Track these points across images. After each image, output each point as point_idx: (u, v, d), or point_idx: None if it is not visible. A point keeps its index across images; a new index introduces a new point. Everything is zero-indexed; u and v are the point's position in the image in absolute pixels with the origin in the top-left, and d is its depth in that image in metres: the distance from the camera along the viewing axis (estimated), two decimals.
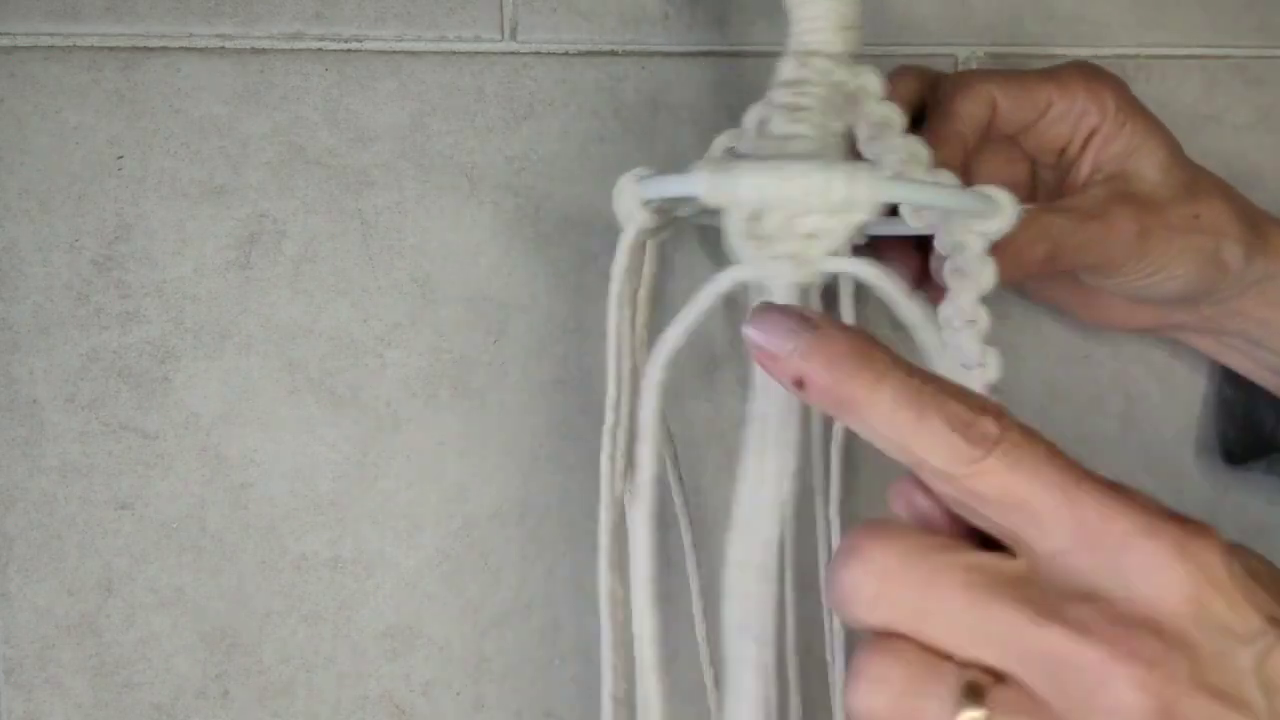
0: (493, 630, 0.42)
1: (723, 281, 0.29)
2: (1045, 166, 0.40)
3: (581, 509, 0.42)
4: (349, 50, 0.40)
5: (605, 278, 0.41)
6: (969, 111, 0.37)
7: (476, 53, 0.41)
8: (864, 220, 0.28)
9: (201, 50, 0.40)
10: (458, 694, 0.41)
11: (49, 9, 0.39)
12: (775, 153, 0.32)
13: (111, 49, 0.39)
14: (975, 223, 0.32)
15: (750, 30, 0.42)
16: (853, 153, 0.35)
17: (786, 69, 0.33)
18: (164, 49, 0.40)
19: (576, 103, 0.41)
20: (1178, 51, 0.44)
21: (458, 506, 0.41)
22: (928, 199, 0.31)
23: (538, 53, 0.41)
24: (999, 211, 0.31)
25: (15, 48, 0.39)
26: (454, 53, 0.41)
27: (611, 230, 0.41)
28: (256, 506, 0.40)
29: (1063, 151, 0.39)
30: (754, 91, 0.42)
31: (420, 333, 0.41)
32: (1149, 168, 0.38)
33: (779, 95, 0.33)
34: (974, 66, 0.43)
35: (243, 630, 0.40)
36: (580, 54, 0.41)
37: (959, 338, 0.33)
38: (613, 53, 0.42)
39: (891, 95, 0.34)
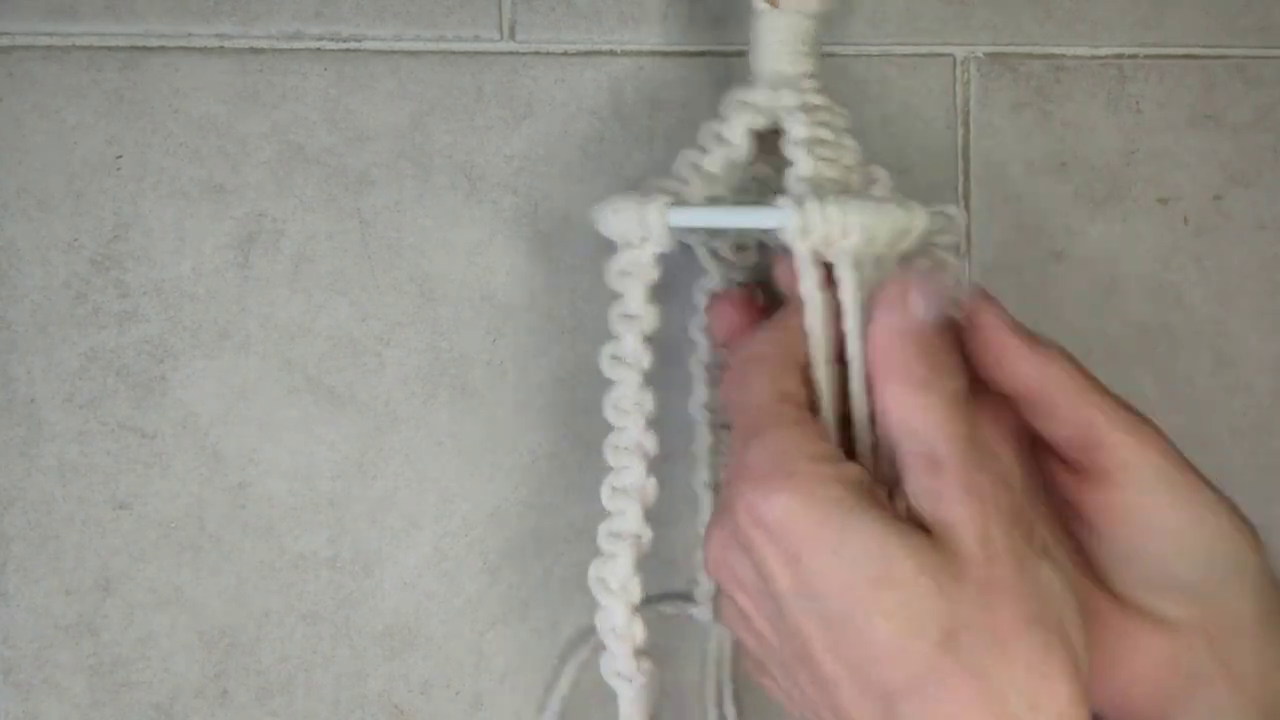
0: (492, 630, 0.42)
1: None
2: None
3: (581, 509, 0.42)
4: (348, 50, 0.40)
5: (604, 278, 0.41)
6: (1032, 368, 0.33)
7: (476, 52, 0.41)
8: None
9: (200, 50, 0.40)
10: (456, 693, 0.41)
11: (48, 8, 0.39)
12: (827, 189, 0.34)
13: (110, 48, 0.39)
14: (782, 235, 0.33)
15: (749, 31, 0.42)
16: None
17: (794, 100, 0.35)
18: (163, 48, 0.40)
19: (576, 102, 0.41)
20: (1177, 51, 0.44)
21: (456, 506, 0.41)
22: (718, 223, 0.36)
23: (537, 52, 0.41)
24: (786, 220, 0.32)
25: (14, 47, 0.39)
26: (453, 52, 0.41)
27: None
28: (255, 506, 0.40)
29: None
30: None
31: (419, 332, 0.41)
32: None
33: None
34: (973, 66, 0.43)
35: (241, 630, 0.40)
36: (580, 54, 0.41)
37: None
38: (612, 53, 0.42)
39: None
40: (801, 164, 0.34)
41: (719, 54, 0.42)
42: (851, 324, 0.32)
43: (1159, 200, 0.44)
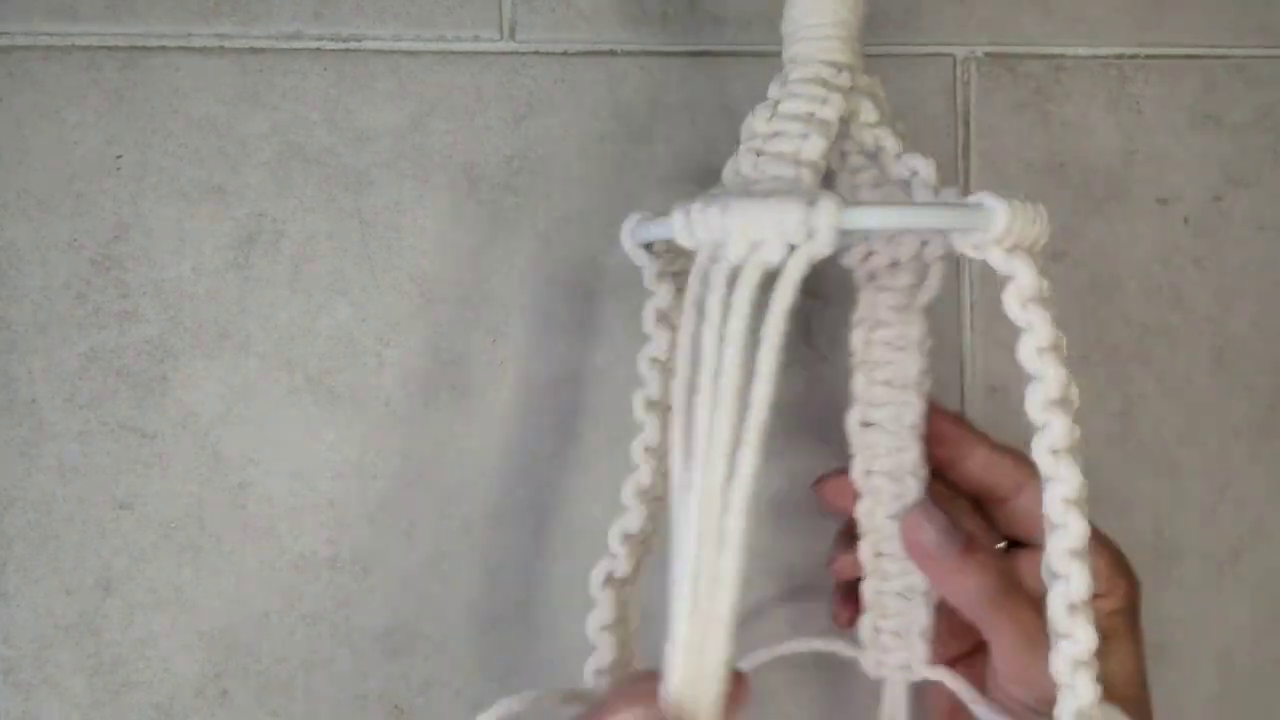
0: (491, 630, 0.42)
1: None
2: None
3: (581, 509, 0.42)
4: (348, 50, 0.40)
5: (604, 277, 0.41)
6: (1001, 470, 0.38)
7: (475, 52, 0.41)
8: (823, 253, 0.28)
9: (200, 50, 0.40)
10: (456, 694, 0.41)
11: (48, 8, 0.39)
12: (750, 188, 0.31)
13: (110, 48, 0.39)
14: (972, 235, 0.30)
15: (750, 30, 0.42)
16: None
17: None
18: (163, 48, 0.40)
19: (575, 102, 0.41)
20: (1177, 51, 0.44)
21: (456, 506, 0.41)
22: (901, 223, 0.31)
23: (537, 52, 0.41)
24: (989, 219, 0.30)
25: (14, 47, 0.39)
26: (453, 52, 0.41)
27: (610, 230, 0.41)
28: (255, 506, 0.40)
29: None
30: (753, 91, 0.42)
31: (419, 332, 0.41)
32: (1109, 659, 0.34)
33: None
34: (973, 66, 0.43)
35: (241, 630, 0.40)
36: (579, 54, 0.41)
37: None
38: (612, 53, 0.42)
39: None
40: (890, 145, 0.33)
41: (719, 54, 0.42)
42: (1042, 337, 0.30)
43: (1159, 200, 0.44)
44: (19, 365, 0.39)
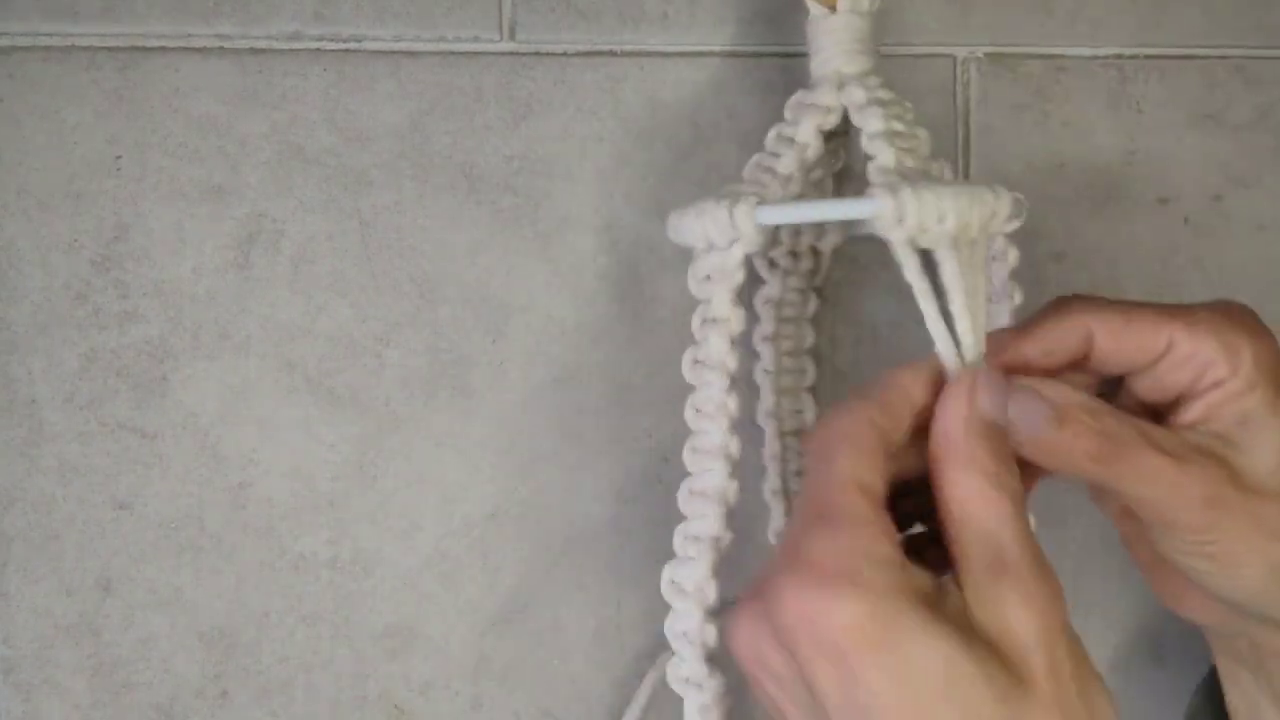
0: (491, 630, 0.42)
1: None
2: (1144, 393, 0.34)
3: (581, 509, 0.42)
4: (348, 50, 0.40)
5: (604, 277, 0.41)
6: (1057, 341, 0.33)
7: (475, 53, 0.41)
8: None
9: (200, 50, 0.40)
10: (456, 694, 0.41)
11: (47, 9, 0.39)
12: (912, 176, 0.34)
13: (110, 49, 0.39)
14: (875, 226, 0.32)
15: (749, 30, 0.42)
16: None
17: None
18: (162, 49, 0.40)
19: (575, 103, 0.41)
20: (1177, 51, 0.44)
21: (456, 506, 0.41)
22: (808, 216, 0.36)
23: (536, 53, 0.41)
24: (879, 210, 0.32)
25: (14, 48, 0.39)
26: (453, 53, 0.41)
27: (609, 229, 0.41)
28: (255, 506, 0.40)
29: (1176, 399, 0.33)
30: (753, 91, 0.42)
31: (419, 332, 0.41)
32: (1265, 448, 0.32)
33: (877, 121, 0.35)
34: (973, 66, 0.43)
35: (241, 630, 0.40)
36: (579, 54, 0.41)
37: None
38: (612, 53, 0.42)
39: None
40: (883, 155, 0.34)
41: (719, 54, 0.42)
42: (957, 306, 0.31)
43: (1159, 200, 0.44)
44: (19, 365, 0.39)
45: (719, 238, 0.33)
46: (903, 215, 0.31)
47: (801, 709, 0.29)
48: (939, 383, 0.31)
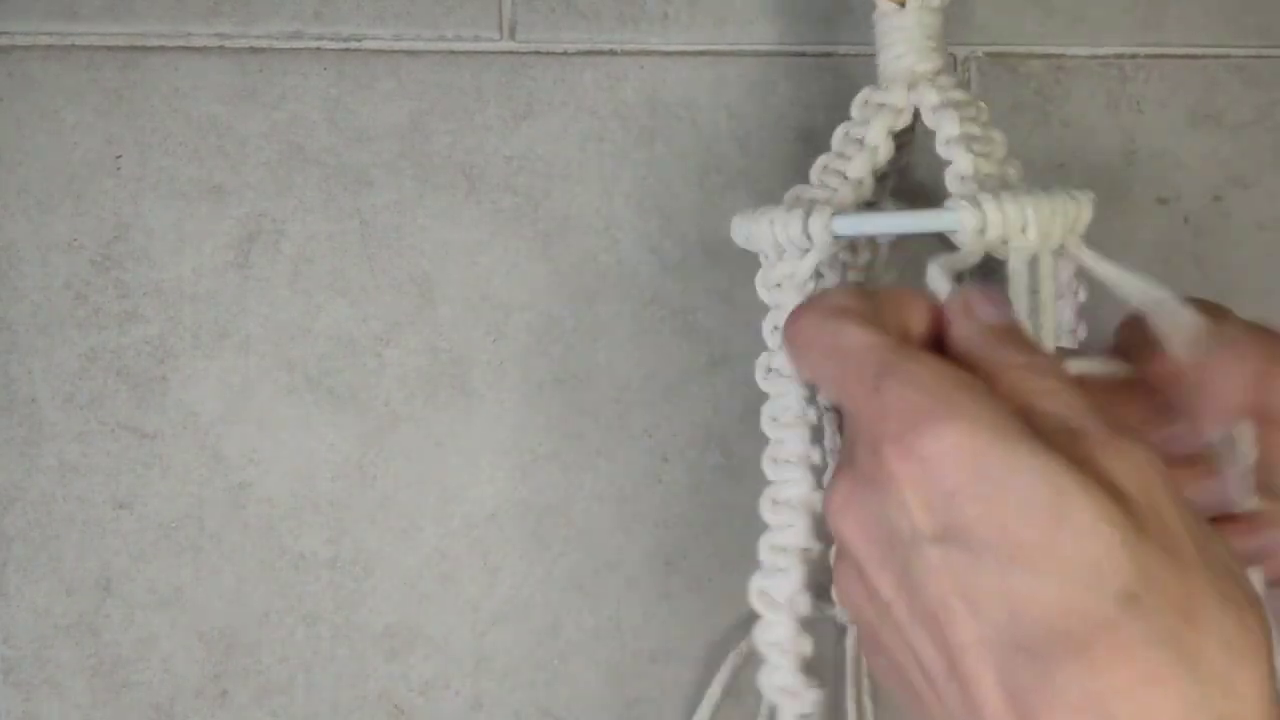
0: (492, 630, 0.42)
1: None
2: None
3: (581, 509, 0.42)
4: (348, 49, 0.40)
5: (604, 277, 0.41)
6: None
7: (475, 52, 0.41)
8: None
9: (200, 49, 0.40)
10: (456, 693, 0.41)
11: (47, 8, 0.39)
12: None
13: (110, 48, 0.39)
14: (955, 237, 0.32)
15: (749, 30, 0.42)
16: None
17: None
18: (162, 48, 0.40)
19: (575, 102, 0.41)
20: (1177, 51, 0.44)
21: (456, 506, 0.41)
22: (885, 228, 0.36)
23: (536, 52, 0.41)
24: (959, 223, 0.31)
25: (14, 47, 0.39)
26: (453, 52, 0.41)
27: (609, 229, 0.41)
28: (255, 506, 0.40)
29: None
30: (753, 91, 0.42)
31: (419, 332, 0.41)
32: None
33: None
34: (973, 66, 0.43)
35: (241, 630, 0.40)
36: (579, 53, 0.41)
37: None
38: (612, 52, 0.42)
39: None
40: (960, 161, 0.33)
41: (719, 54, 0.42)
42: (1041, 308, 0.32)
43: (1159, 200, 0.44)
44: (19, 365, 0.39)
45: (792, 247, 0.33)
46: (985, 227, 0.31)
47: (887, 563, 0.27)
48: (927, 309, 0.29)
